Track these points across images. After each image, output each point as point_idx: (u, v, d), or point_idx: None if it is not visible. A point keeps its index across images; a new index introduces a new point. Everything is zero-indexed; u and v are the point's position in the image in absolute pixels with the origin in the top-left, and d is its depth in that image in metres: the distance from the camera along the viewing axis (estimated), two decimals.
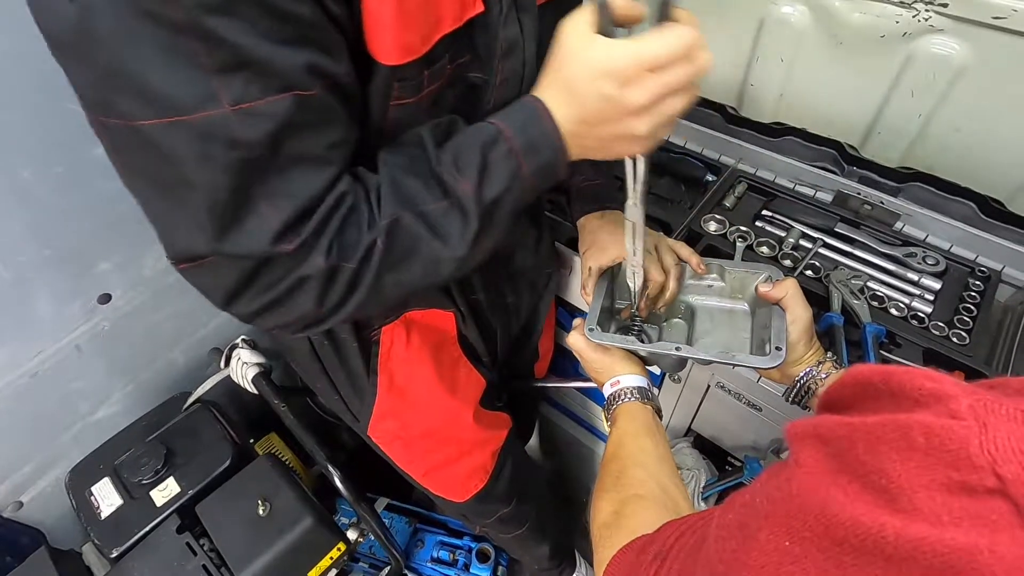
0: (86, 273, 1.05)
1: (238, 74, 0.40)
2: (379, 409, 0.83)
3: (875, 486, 0.23)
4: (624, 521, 0.53)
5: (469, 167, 0.51)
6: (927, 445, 0.22)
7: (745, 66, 1.08)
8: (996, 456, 0.21)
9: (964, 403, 0.23)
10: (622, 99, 0.47)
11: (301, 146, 0.45)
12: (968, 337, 0.86)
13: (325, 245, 0.47)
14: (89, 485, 1.06)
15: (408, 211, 0.50)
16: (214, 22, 0.38)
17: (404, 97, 0.51)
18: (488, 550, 1.41)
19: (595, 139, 0.52)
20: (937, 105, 0.91)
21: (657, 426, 0.66)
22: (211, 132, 0.41)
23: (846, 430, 0.26)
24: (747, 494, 0.32)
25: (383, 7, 0.44)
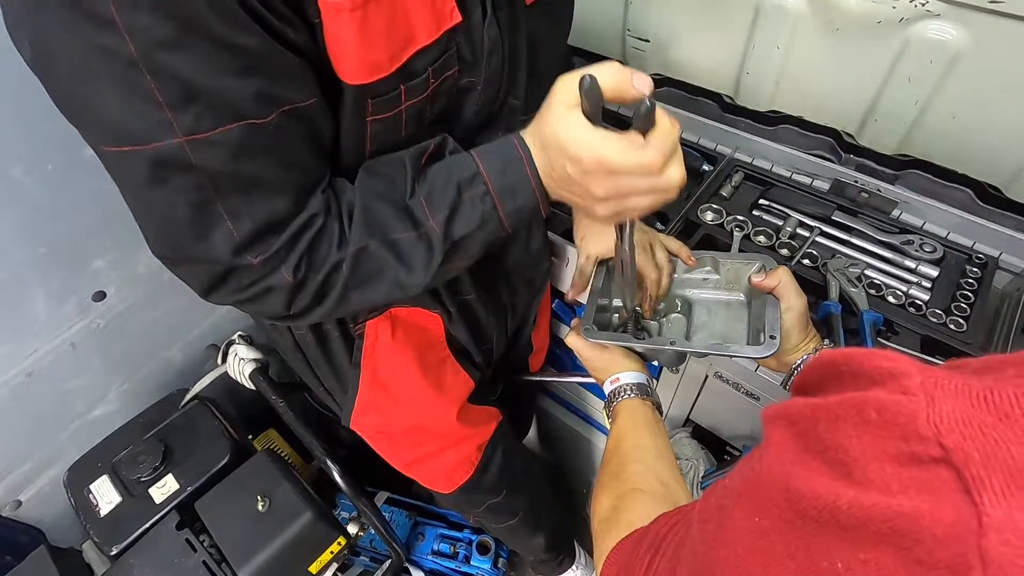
0: (80, 271, 1.04)
1: (189, 107, 0.41)
2: (361, 403, 0.83)
3: (833, 460, 0.24)
4: (622, 515, 0.53)
5: (441, 204, 0.53)
6: (879, 419, 0.24)
7: (741, 54, 1.08)
8: (941, 428, 0.22)
9: (916, 380, 0.24)
10: (582, 182, 0.49)
11: (260, 169, 0.46)
12: (965, 324, 0.86)
13: (294, 262, 0.50)
14: (88, 483, 1.06)
15: (376, 238, 0.53)
16: (165, 57, 0.39)
17: (381, 113, 0.52)
18: (488, 542, 1.41)
19: (563, 197, 0.54)
20: (934, 91, 0.91)
21: (657, 421, 0.66)
22: (166, 160, 0.43)
23: (810, 410, 0.27)
24: (727, 478, 0.33)
25: (343, 29, 0.45)
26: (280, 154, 0.47)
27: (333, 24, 0.44)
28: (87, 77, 0.40)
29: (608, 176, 0.47)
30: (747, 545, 0.28)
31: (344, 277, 0.52)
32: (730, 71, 1.12)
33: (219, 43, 0.40)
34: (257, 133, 0.44)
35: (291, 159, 0.49)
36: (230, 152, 0.44)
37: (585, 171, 0.48)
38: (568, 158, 0.48)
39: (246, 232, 0.47)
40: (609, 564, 0.47)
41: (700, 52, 1.15)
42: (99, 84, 0.40)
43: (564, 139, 0.48)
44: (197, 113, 0.42)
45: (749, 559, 0.27)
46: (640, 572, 0.41)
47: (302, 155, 0.50)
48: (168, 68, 0.40)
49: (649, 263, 0.75)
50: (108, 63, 0.39)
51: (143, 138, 0.42)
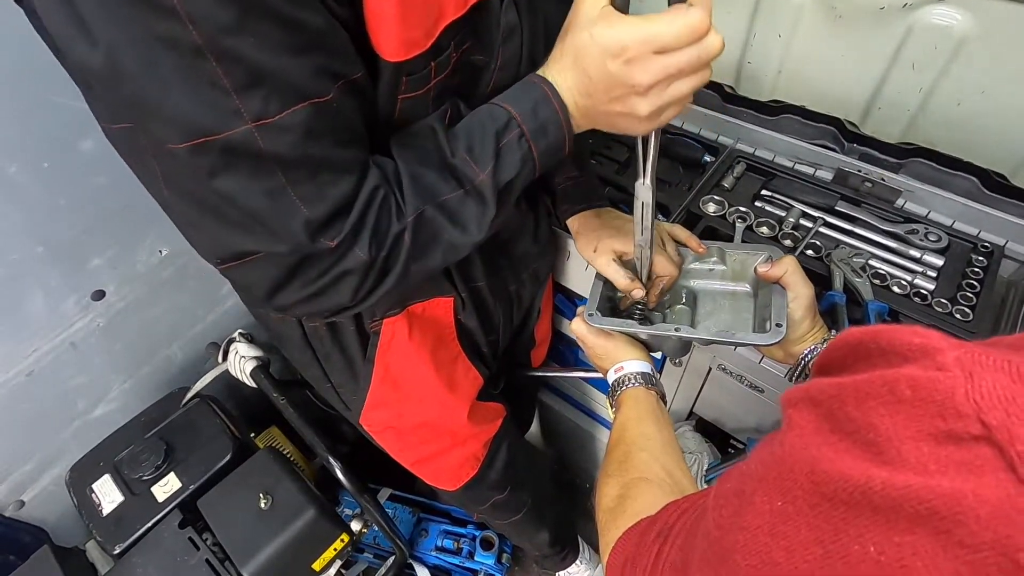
0: (79, 270, 1.04)
1: (257, 90, 0.41)
2: (372, 398, 0.83)
3: (863, 440, 0.23)
4: (628, 504, 0.52)
5: (484, 155, 0.53)
6: (914, 397, 0.22)
7: (742, 43, 1.06)
8: (981, 404, 0.21)
9: (951, 355, 0.23)
10: (627, 77, 0.47)
11: (326, 150, 0.46)
12: (972, 313, 0.85)
13: (366, 239, 0.50)
14: (90, 482, 1.06)
15: (430, 203, 0.52)
16: (228, 41, 0.39)
17: (413, 90, 0.52)
18: (492, 538, 1.41)
19: (600, 112, 0.52)
20: (938, 78, 0.90)
21: (661, 411, 0.66)
22: (237, 148, 0.42)
23: (835, 389, 0.26)
24: (743, 463, 0.32)
25: (385, 5, 0.44)
26: (341, 131, 0.47)
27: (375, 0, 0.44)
28: (154, 71, 0.39)
29: (655, 57, 0.46)
30: (769, 529, 0.27)
31: (407, 248, 0.52)
32: (731, 61, 1.11)
33: (279, 21, 0.40)
34: (321, 112, 0.44)
35: (351, 135, 0.49)
36: (298, 135, 0.43)
37: (630, 60, 0.47)
38: (610, 54, 0.47)
39: (320, 215, 0.47)
40: (616, 554, 0.47)
41: None
42: (166, 76, 0.39)
43: (603, 35, 0.47)
44: (264, 96, 0.41)
45: (771, 544, 0.26)
46: (648, 561, 0.41)
47: (359, 130, 0.50)
48: (233, 52, 0.39)
49: (664, 259, 0.74)
50: (173, 54, 0.38)
51: (212, 128, 0.41)
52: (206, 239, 0.49)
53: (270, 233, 0.46)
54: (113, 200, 1.00)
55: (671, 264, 0.73)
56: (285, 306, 0.52)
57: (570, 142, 0.56)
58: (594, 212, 0.83)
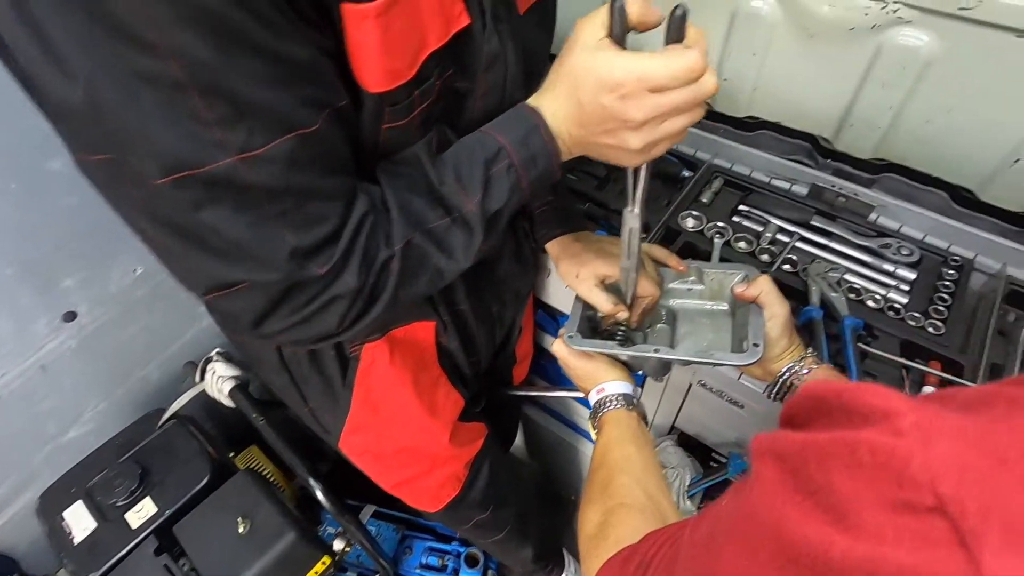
0: (49, 291, 1.01)
1: (241, 124, 0.40)
2: (352, 422, 0.81)
3: (826, 504, 0.24)
4: (610, 531, 0.52)
5: (473, 184, 0.53)
6: (872, 462, 0.23)
7: (717, 61, 1.08)
8: (935, 473, 0.21)
9: (908, 420, 0.23)
10: (620, 112, 0.48)
11: (312, 178, 0.46)
12: (944, 327, 0.87)
13: (356, 265, 0.49)
14: (61, 509, 1.03)
15: (418, 231, 0.53)
16: (211, 76, 0.38)
17: (396, 120, 0.52)
18: (477, 555, 1.40)
19: (591, 143, 0.53)
20: (907, 97, 0.92)
21: (643, 433, 0.66)
22: (222, 181, 0.42)
23: (799, 446, 0.26)
24: (716, 509, 0.33)
25: (368, 37, 0.44)
26: (328, 160, 0.47)
27: (357, 32, 0.44)
28: (135, 106, 0.38)
29: (650, 95, 0.46)
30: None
31: (395, 274, 0.52)
32: None
33: (264, 54, 0.40)
34: (306, 142, 0.44)
35: (337, 163, 0.48)
36: (284, 166, 0.43)
37: (625, 95, 0.47)
38: (605, 88, 0.47)
39: (308, 243, 0.46)
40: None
41: None
42: (147, 111, 0.38)
43: (600, 69, 0.48)
44: (249, 129, 0.41)
45: None
46: None
47: (345, 156, 0.49)
48: (216, 86, 0.39)
49: (647, 280, 0.74)
50: (154, 88, 0.38)
51: (195, 162, 0.40)
52: (191, 270, 0.48)
53: (258, 262, 0.46)
54: (84, 220, 0.98)
55: (653, 285, 0.74)
56: (270, 335, 0.52)
57: (559, 172, 0.56)
58: (573, 236, 0.83)
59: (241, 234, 0.44)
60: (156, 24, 0.35)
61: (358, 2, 0.42)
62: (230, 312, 0.50)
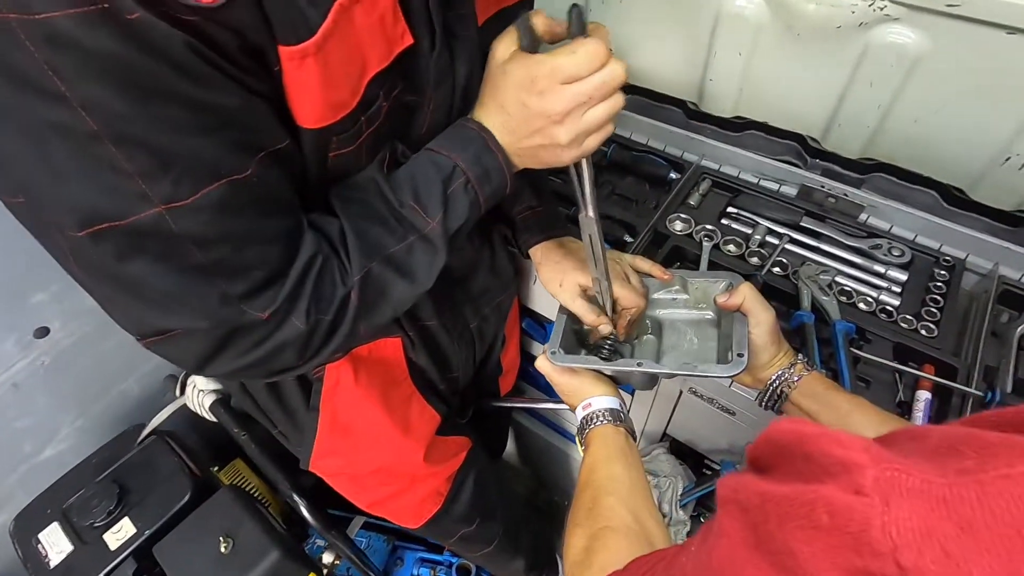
0: (19, 307, 0.98)
1: (166, 175, 0.38)
2: (320, 447, 0.78)
3: (783, 566, 0.23)
4: (595, 558, 0.50)
5: (432, 203, 0.53)
6: (831, 525, 0.22)
7: (703, 61, 1.06)
8: (897, 541, 0.20)
9: (870, 475, 0.22)
10: (541, 108, 0.50)
11: (248, 223, 0.44)
12: (936, 329, 0.86)
13: (303, 308, 0.48)
14: (36, 532, 0.99)
15: (376, 259, 0.52)
16: (127, 128, 0.36)
17: (344, 147, 0.50)
18: (469, 566, 1.37)
19: (524, 148, 0.54)
20: (895, 95, 0.90)
21: (631, 449, 0.64)
22: (147, 232, 0.39)
23: (760, 499, 0.26)
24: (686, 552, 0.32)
25: (307, 75, 0.42)
26: (264, 203, 0.45)
27: (296, 72, 0.42)
28: (43, 157, 0.36)
29: (564, 87, 0.49)
30: None
31: (353, 308, 0.51)
32: (693, 78, 1.11)
33: (186, 104, 0.37)
34: (239, 188, 0.42)
35: (276, 205, 0.47)
36: (214, 214, 0.41)
37: (542, 91, 0.49)
38: (523, 88, 0.50)
39: (244, 289, 0.45)
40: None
41: (662, 59, 1.13)
42: (58, 163, 0.36)
43: (514, 72, 0.51)
44: (175, 180, 0.38)
45: None
46: None
47: (285, 198, 0.48)
48: (134, 138, 0.36)
49: (630, 291, 0.72)
50: (65, 140, 0.35)
51: (115, 214, 0.38)
52: (123, 316, 0.45)
53: (192, 310, 0.44)
54: None
55: (636, 296, 0.72)
56: (219, 375, 0.50)
57: (512, 184, 0.57)
58: (556, 242, 0.81)
59: (171, 284, 0.42)
60: (63, 76, 0.33)
61: (295, 44, 0.40)
62: (170, 358, 0.48)
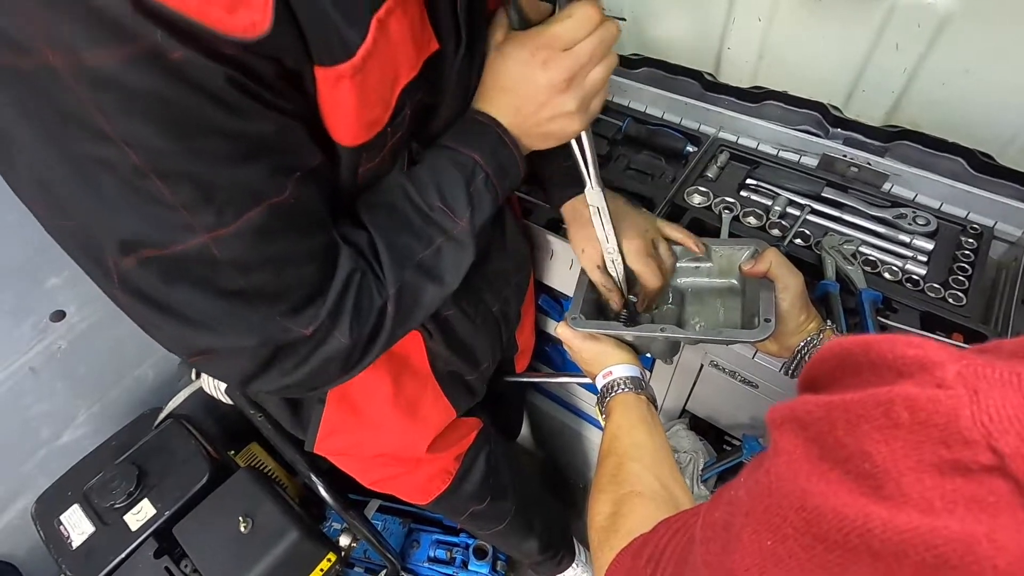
0: (35, 290, 0.98)
1: (209, 205, 0.39)
2: (326, 426, 0.77)
3: (858, 472, 0.21)
4: (621, 522, 0.49)
5: (459, 204, 0.54)
6: (912, 420, 0.20)
7: (721, 29, 1.03)
8: (991, 428, 0.18)
9: (951, 369, 0.20)
10: (547, 79, 0.51)
11: (288, 244, 0.45)
12: (964, 297, 0.83)
13: (347, 323, 0.49)
14: (57, 514, 1.00)
15: (409, 269, 0.53)
16: (172, 162, 0.37)
17: (371, 160, 0.51)
18: (486, 547, 1.37)
19: (534, 126, 0.55)
20: (922, 58, 0.87)
21: (653, 417, 0.62)
22: (191, 259, 0.40)
23: (824, 411, 0.23)
24: (732, 489, 0.29)
25: (343, 96, 0.42)
26: (302, 223, 0.46)
27: (332, 93, 0.42)
28: (91, 190, 0.37)
29: (564, 53, 0.50)
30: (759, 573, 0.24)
31: (391, 318, 0.52)
32: (710, 47, 1.08)
33: (223, 134, 0.38)
34: (278, 211, 0.42)
35: (312, 224, 0.47)
36: (255, 238, 0.42)
37: (544, 62, 0.50)
38: (524, 63, 0.51)
39: (288, 307, 0.46)
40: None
41: (679, 29, 1.11)
42: (105, 195, 0.37)
43: (513, 50, 0.52)
44: (218, 209, 0.39)
45: None
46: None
47: (320, 214, 0.48)
48: (178, 171, 0.37)
49: (649, 272, 0.69)
50: (111, 174, 0.36)
51: (161, 243, 0.39)
52: (168, 338, 0.46)
53: (234, 331, 0.44)
54: None
55: (655, 276, 0.69)
56: (266, 392, 0.51)
57: (524, 171, 0.59)
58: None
59: (215, 307, 0.43)
60: (107, 114, 0.34)
61: (331, 65, 0.40)
62: (215, 374, 0.50)
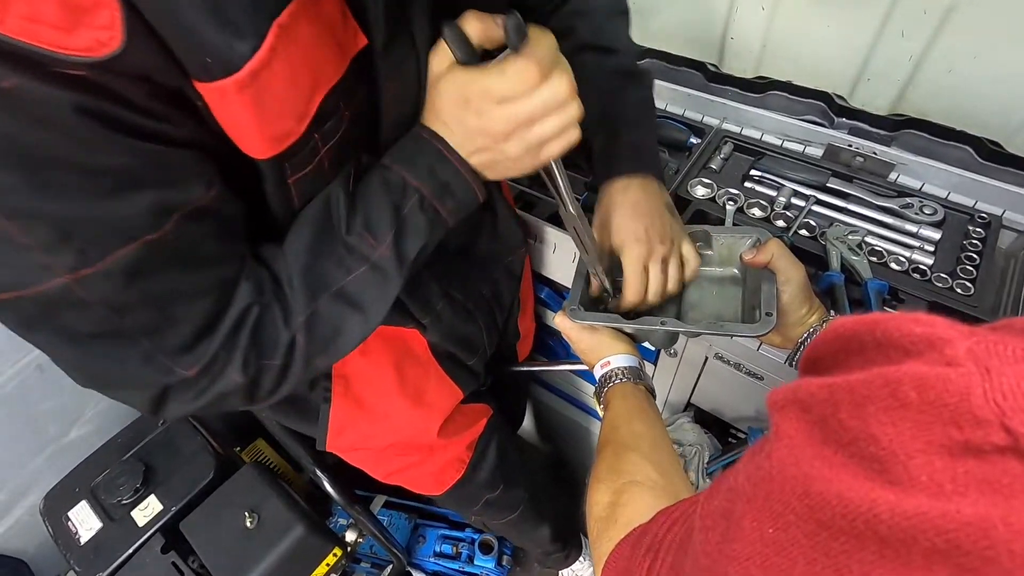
0: None
1: (67, 245, 0.35)
2: (335, 424, 0.76)
3: (863, 455, 0.20)
4: (620, 512, 0.49)
5: (381, 228, 0.49)
6: (920, 400, 0.19)
7: (724, 18, 1.02)
8: (1004, 406, 0.17)
9: (962, 347, 0.19)
10: (480, 127, 0.46)
11: (168, 282, 0.41)
12: (972, 287, 0.82)
13: (239, 360, 0.45)
14: (66, 510, 1.01)
15: (324, 296, 0.48)
16: (19, 201, 0.33)
17: (300, 170, 0.46)
18: (491, 541, 1.38)
19: (476, 162, 0.49)
20: (929, 45, 0.86)
21: (651, 407, 0.62)
22: (53, 301, 0.37)
23: (827, 392, 0.22)
24: (732, 476, 0.28)
25: (233, 111, 0.38)
26: (188, 259, 0.42)
27: (222, 107, 0.38)
28: None
29: (499, 106, 0.44)
30: (761, 562, 0.23)
31: (302, 349, 0.48)
32: (713, 37, 1.07)
33: (82, 169, 0.34)
34: (156, 248, 0.39)
35: (202, 259, 0.43)
36: (127, 277, 0.38)
37: (479, 111, 0.45)
38: (460, 108, 0.46)
39: (172, 348, 0.42)
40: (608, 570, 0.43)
41: (681, 19, 1.10)
42: None
43: (448, 89, 0.46)
44: (79, 249, 0.36)
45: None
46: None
47: (214, 251, 0.44)
48: (27, 210, 0.34)
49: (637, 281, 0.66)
50: None
51: (18, 285, 0.36)
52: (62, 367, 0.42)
53: (115, 376, 0.42)
54: None
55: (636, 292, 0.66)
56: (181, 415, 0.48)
57: (482, 193, 0.51)
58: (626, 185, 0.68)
59: (88, 351, 0.40)
60: None
61: (209, 80, 0.36)
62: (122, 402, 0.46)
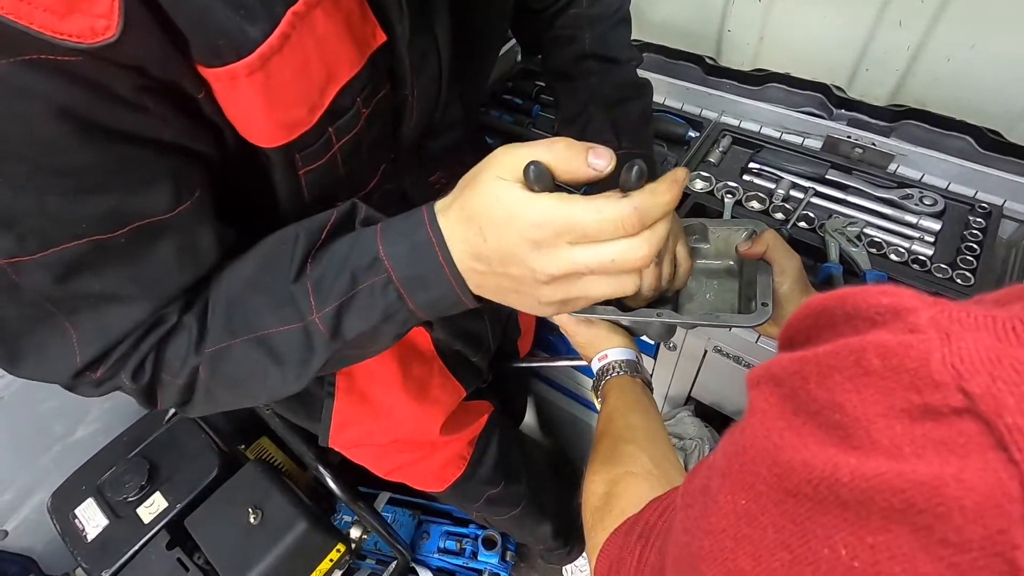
0: None
1: (8, 232, 0.36)
2: (338, 419, 0.77)
3: (829, 422, 0.20)
4: (615, 502, 0.49)
5: (329, 294, 0.43)
6: (883, 367, 0.19)
7: (721, 11, 1.02)
8: (961, 369, 0.17)
9: (924, 315, 0.19)
10: (530, 260, 0.38)
11: (110, 284, 0.41)
12: (973, 278, 0.82)
13: (132, 367, 0.44)
14: (72, 507, 1.02)
15: (242, 336, 0.44)
16: None
17: (312, 163, 0.45)
18: (495, 536, 1.38)
19: (489, 284, 0.41)
20: (926, 34, 0.86)
21: (648, 400, 0.62)
22: None
23: (797, 365, 0.22)
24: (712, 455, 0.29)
25: (242, 97, 0.38)
26: (136, 269, 0.41)
27: (231, 93, 0.38)
28: None
29: (569, 247, 0.37)
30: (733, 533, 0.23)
31: (203, 382, 0.46)
32: (711, 30, 1.07)
33: (47, 170, 0.35)
34: (103, 249, 0.39)
35: (152, 273, 0.42)
36: (65, 271, 0.38)
37: (538, 244, 0.37)
38: (516, 229, 0.37)
39: (94, 351, 0.42)
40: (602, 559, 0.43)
41: (678, 12, 1.10)
42: None
43: (515, 205, 0.37)
44: (19, 236, 0.36)
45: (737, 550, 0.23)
46: (631, 565, 0.38)
47: (166, 267, 0.42)
48: None
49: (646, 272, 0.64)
50: None
51: None
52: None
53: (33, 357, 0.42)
54: None
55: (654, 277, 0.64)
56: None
57: (467, 297, 0.43)
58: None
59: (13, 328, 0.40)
60: None
61: (219, 65, 0.36)
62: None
